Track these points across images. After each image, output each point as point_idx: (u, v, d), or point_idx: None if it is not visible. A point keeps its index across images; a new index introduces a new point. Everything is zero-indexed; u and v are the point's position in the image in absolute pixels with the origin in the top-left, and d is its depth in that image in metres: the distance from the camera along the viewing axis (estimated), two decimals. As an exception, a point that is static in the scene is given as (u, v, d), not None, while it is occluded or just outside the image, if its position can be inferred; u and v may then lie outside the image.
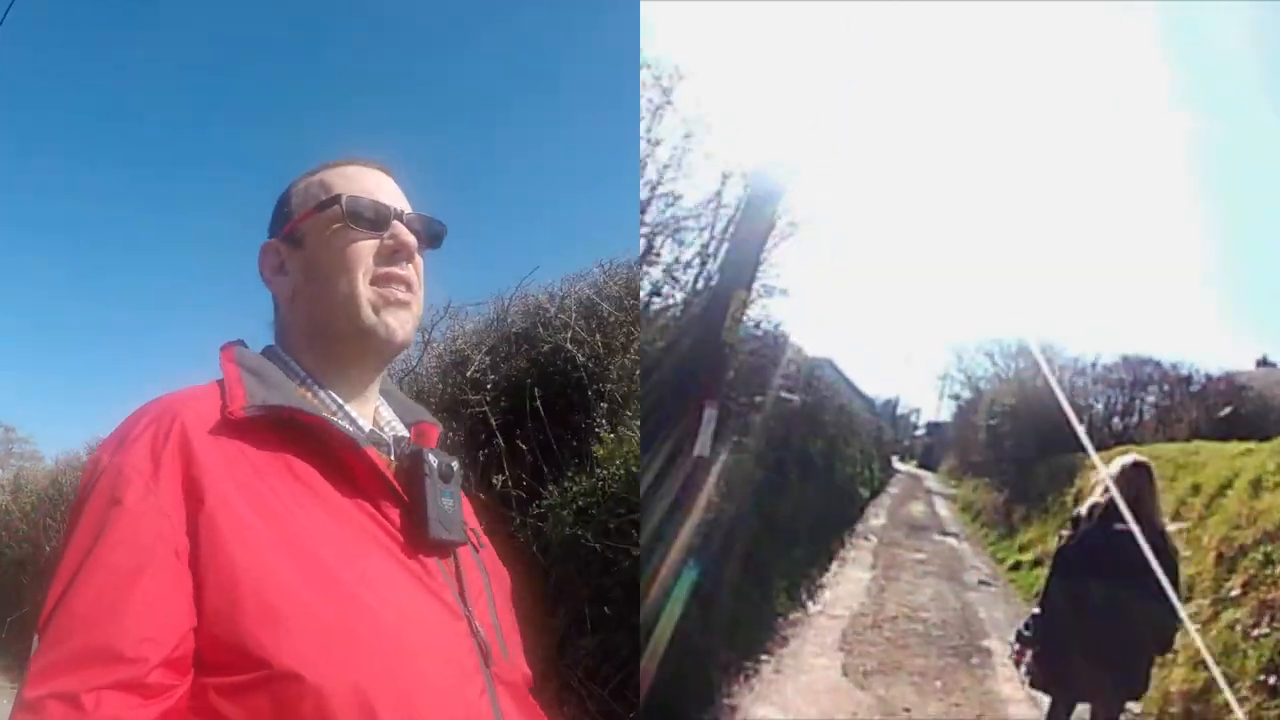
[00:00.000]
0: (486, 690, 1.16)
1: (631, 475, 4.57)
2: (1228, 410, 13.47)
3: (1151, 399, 14.33)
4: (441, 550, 1.22)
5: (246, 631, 1.01)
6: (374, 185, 1.31)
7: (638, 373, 5.32)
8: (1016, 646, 4.18)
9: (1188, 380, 14.45)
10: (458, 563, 1.24)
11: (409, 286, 1.29)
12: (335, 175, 1.31)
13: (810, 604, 7.58)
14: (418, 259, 1.32)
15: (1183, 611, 3.78)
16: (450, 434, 5.20)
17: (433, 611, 1.15)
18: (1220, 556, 5.83)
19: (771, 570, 7.42)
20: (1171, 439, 12.62)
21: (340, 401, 1.26)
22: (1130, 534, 3.13)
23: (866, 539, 12.12)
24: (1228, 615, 5.38)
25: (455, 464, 1.27)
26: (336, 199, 1.26)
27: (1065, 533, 4.06)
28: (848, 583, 8.76)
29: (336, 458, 1.17)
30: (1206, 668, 4.72)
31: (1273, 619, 5.00)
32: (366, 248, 1.26)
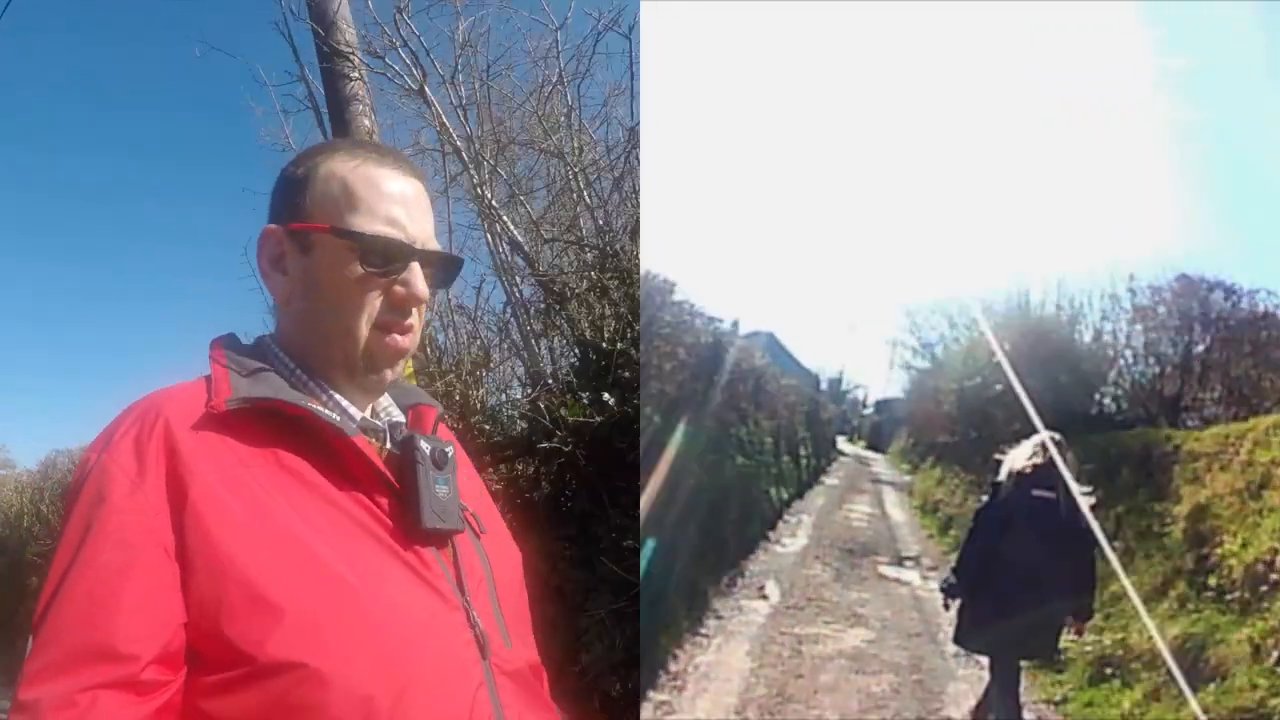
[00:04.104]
0: (485, 682, 1.12)
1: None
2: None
3: (1217, 355, 8.72)
4: (437, 540, 1.18)
5: (233, 625, 1.00)
6: (400, 202, 1.22)
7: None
8: (943, 598, 4.12)
9: (1264, 319, 9.00)
10: (455, 551, 1.20)
11: (412, 331, 1.25)
12: (361, 179, 1.21)
13: None
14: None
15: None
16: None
17: (428, 603, 1.12)
18: None
19: None
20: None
21: (330, 390, 1.22)
22: (1048, 500, 3.67)
23: (761, 595, 6.62)
24: None
25: (449, 450, 1.24)
26: (354, 235, 1.18)
27: (984, 498, 4.12)
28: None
29: (327, 448, 1.14)
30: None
31: None
32: (376, 290, 1.20)
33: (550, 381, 4.84)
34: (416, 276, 1.21)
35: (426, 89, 5.67)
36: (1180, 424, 8.21)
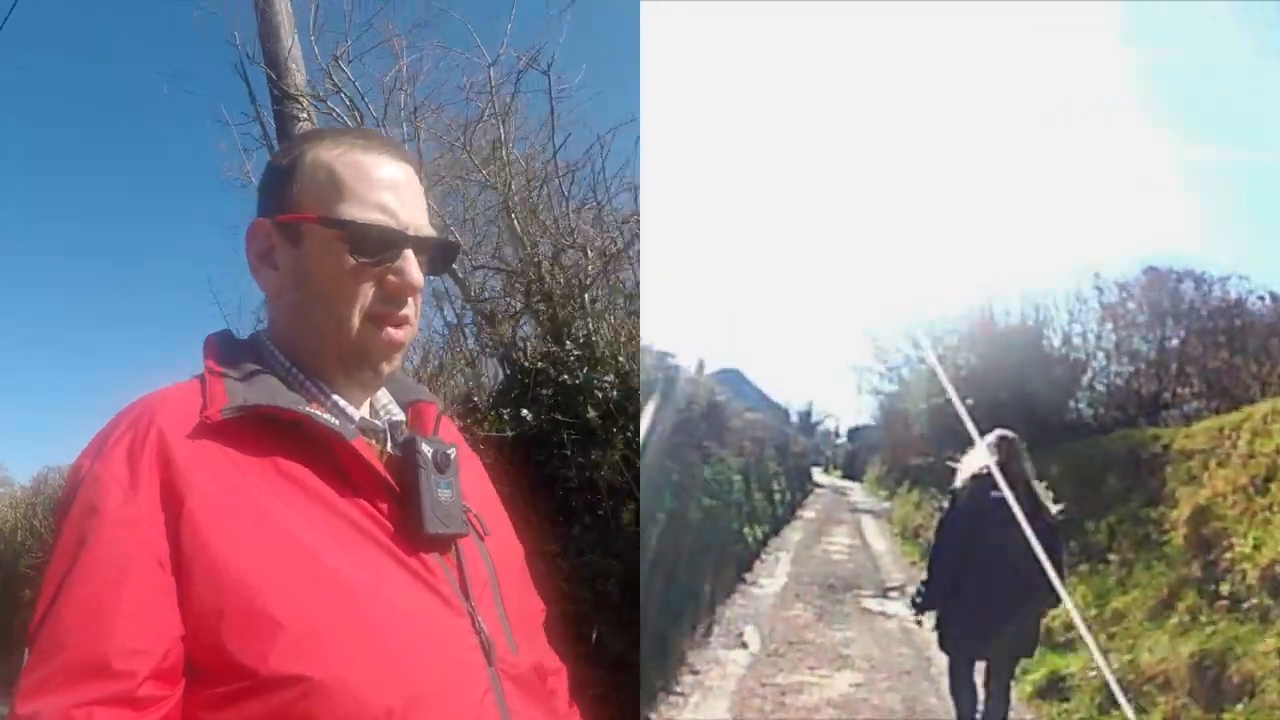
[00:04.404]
0: (492, 688, 1.10)
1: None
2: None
3: (1192, 348, 8.33)
4: (440, 545, 1.14)
5: (234, 637, 0.97)
6: (390, 187, 1.17)
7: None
8: (913, 612, 4.19)
9: (1236, 306, 8.66)
10: (459, 555, 1.17)
11: (408, 323, 1.19)
12: (349, 165, 1.16)
13: None
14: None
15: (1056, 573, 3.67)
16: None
17: (432, 609, 1.09)
18: None
19: None
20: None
21: (328, 390, 1.18)
22: (1004, 500, 3.55)
23: (741, 643, 6.11)
24: None
25: (452, 452, 1.19)
26: (343, 224, 1.14)
27: (945, 505, 4.14)
28: None
29: (326, 452, 1.11)
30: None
31: None
32: (368, 280, 1.16)
33: (474, 399, 4.87)
34: (410, 264, 1.17)
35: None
36: (1161, 423, 7.85)
